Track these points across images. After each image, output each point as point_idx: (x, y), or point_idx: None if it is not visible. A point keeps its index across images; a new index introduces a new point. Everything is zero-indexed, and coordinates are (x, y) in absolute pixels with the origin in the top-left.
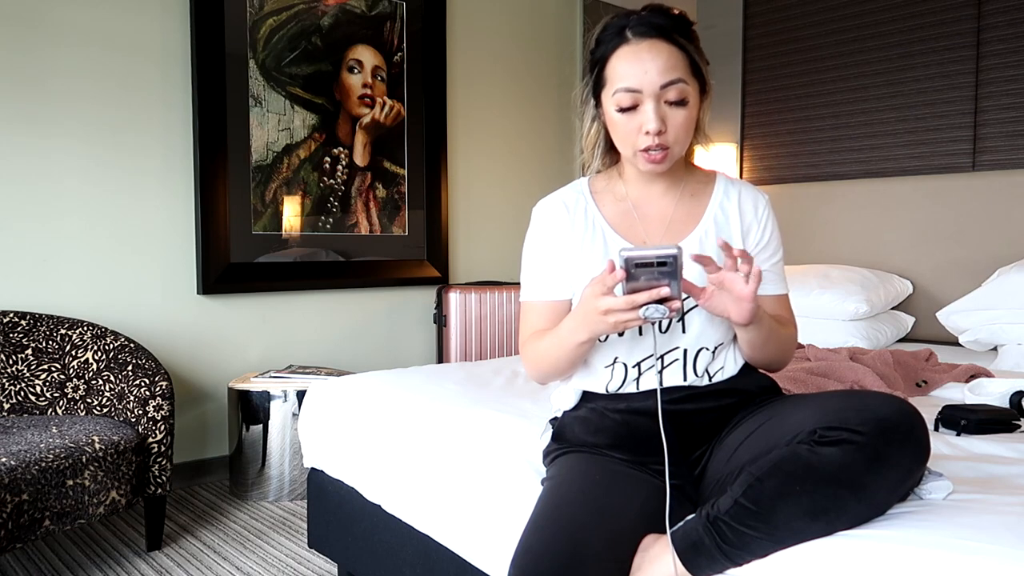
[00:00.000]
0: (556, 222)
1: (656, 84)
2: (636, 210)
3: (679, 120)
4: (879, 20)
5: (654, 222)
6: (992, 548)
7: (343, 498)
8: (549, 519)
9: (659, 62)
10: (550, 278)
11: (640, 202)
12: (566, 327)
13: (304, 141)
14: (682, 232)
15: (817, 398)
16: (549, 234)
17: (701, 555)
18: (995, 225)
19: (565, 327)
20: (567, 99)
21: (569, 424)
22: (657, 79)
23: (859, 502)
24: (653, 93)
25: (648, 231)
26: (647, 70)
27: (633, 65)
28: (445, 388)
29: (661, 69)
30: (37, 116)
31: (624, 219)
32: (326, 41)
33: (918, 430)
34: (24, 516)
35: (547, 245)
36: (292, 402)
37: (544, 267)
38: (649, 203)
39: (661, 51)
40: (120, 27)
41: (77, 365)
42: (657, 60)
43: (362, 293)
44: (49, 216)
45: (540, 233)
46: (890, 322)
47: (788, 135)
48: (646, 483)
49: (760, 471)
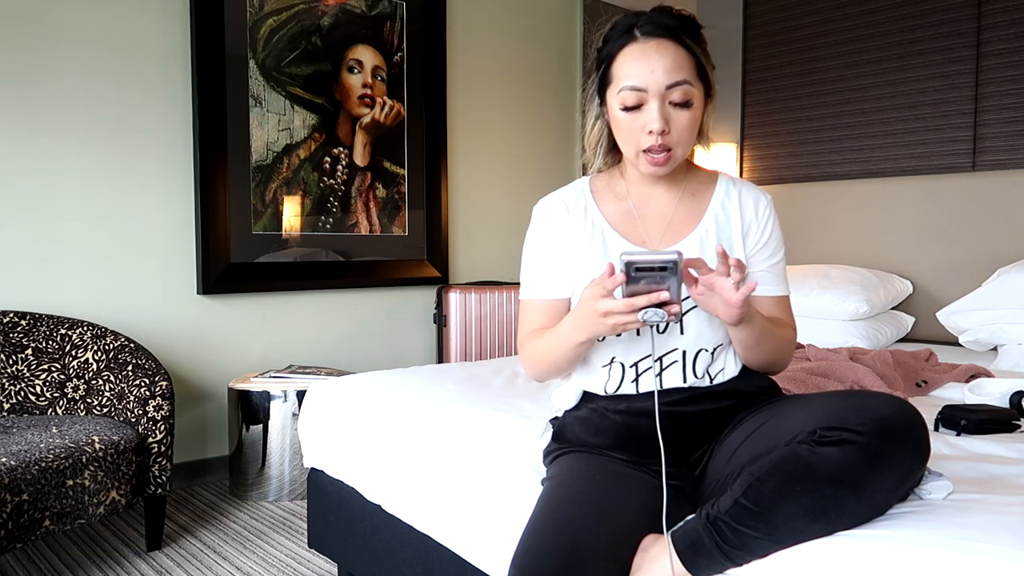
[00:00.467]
0: (556, 221)
1: (662, 84)
2: (636, 209)
3: (683, 121)
4: (879, 20)
5: (654, 222)
6: (992, 548)
7: (343, 498)
8: (549, 519)
9: (665, 62)
10: (549, 277)
11: (640, 202)
12: (565, 327)
13: (304, 141)
14: (682, 232)
15: (817, 398)
16: (549, 233)
17: (701, 555)
18: (995, 225)
19: (564, 327)
20: (567, 99)
21: (570, 424)
22: (663, 79)
23: (859, 502)
24: (658, 93)
25: (648, 231)
26: (653, 69)
27: (639, 64)
28: (445, 388)
29: (667, 69)
30: (37, 116)
31: (624, 218)
32: (326, 41)
33: (918, 430)
34: (24, 516)
35: (547, 244)
36: (292, 402)
37: (543, 266)
38: (649, 203)
39: (668, 51)
40: (120, 27)
41: (77, 365)
42: (664, 60)
43: (362, 293)
44: (49, 216)
45: (540, 232)
46: (890, 322)
47: (788, 135)
48: (646, 483)
49: (760, 471)
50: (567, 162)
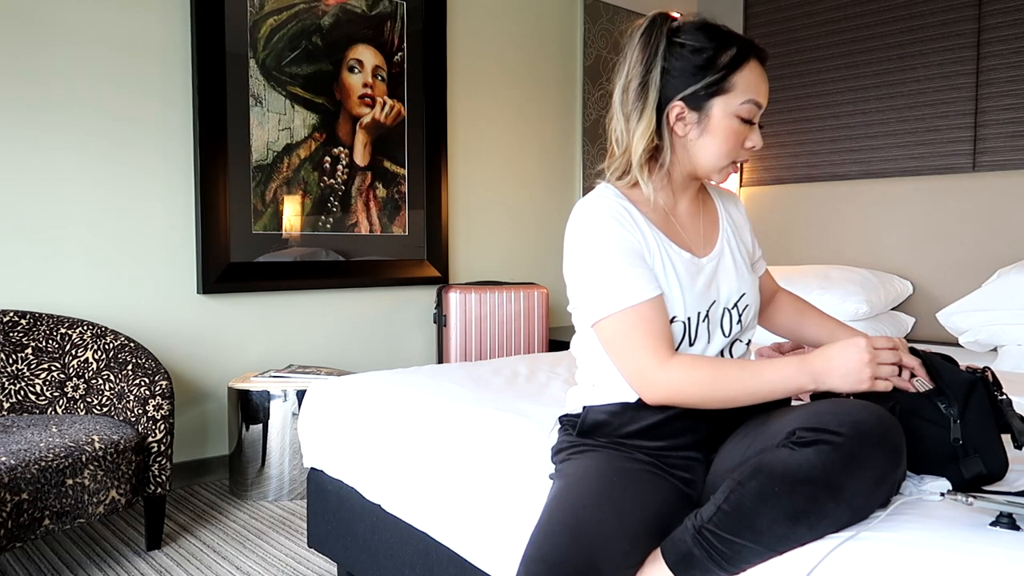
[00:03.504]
0: (625, 218)
1: (765, 107)
2: (674, 219)
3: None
4: (879, 20)
5: (690, 230)
6: (992, 548)
7: (343, 498)
8: (563, 524)
9: (767, 87)
10: (645, 273)
11: (673, 211)
12: (783, 372)
13: (304, 141)
14: (712, 239)
15: (803, 406)
16: (625, 230)
17: (695, 567)
18: (995, 225)
19: (781, 372)
20: (567, 98)
21: (597, 417)
22: (766, 103)
23: (838, 504)
24: (761, 114)
25: (690, 237)
26: (766, 92)
27: (762, 83)
28: (445, 388)
29: (767, 95)
30: (37, 116)
31: (670, 227)
32: (326, 41)
33: (893, 435)
34: (24, 515)
35: (627, 240)
36: (292, 402)
37: (635, 263)
38: (678, 212)
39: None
40: (121, 26)
41: (77, 364)
42: (767, 85)
43: (362, 293)
44: (49, 216)
45: (614, 230)
46: (890, 323)
47: (788, 135)
48: (663, 487)
49: (741, 475)
50: (567, 161)
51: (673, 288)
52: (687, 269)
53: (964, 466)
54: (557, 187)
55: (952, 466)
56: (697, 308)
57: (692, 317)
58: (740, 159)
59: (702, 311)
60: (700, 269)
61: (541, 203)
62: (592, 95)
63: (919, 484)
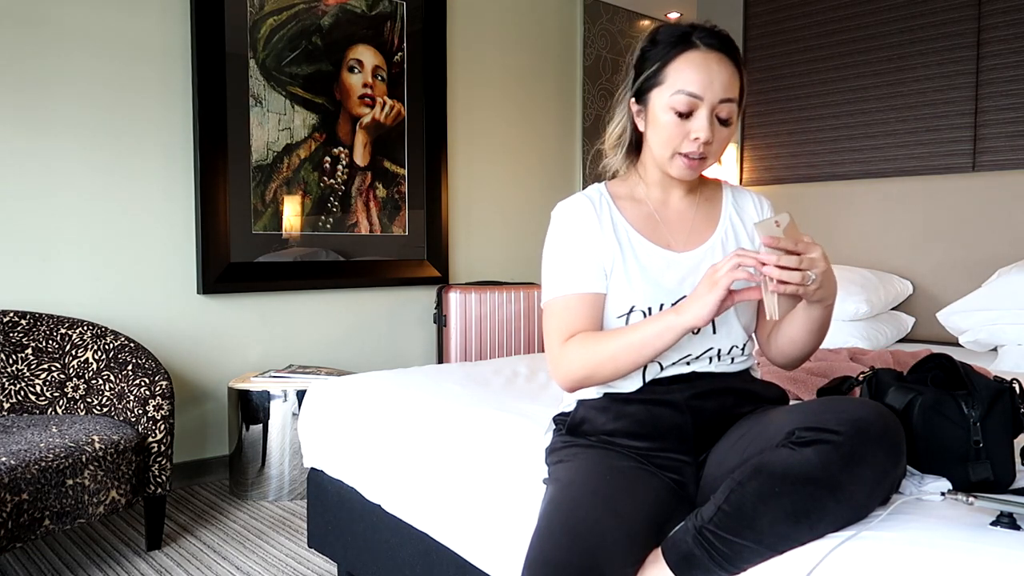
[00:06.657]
0: (585, 218)
1: (716, 97)
2: (657, 214)
3: (723, 136)
4: (879, 20)
5: (676, 225)
6: (992, 548)
7: (343, 498)
8: (564, 524)
9: (723, 77)
10: (584, 271)
11: (660, 206)
12: (650, 330)
13: (304, 141)
14: (703, 235)
15: (802, 405)
16: (579, 229)
17: (696, 568)
18: (995, 225)
19: (649, 330)
20: (567, 98)
21: (585, 413)
22: (719, 92)
23: (838, 503)
24: (711, 104)
25: (672, 233)
26: (712, 81)
27: (700, 72)
28: (445, 388)
29: (724, 84)
30: (37, 116)
31: (647, 222)
32: (326, 41)
33: (892, 431)
34: (24, 515)
35: (578, 239)
36: (292, 402)
37: (576, 261)
38: (669, 207)
39: (726, 67)
40: (120, 27)
41: (77, 365)
42: (722, 74)
43: (362, 293)
44: (49, 216)
45: (569, 229)
46: (890, 322)
47: (788, 135)
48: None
49: (741, 475)
50: (567, 162)
51: (634, 278)
52: (654, 262)
53: (973, 469)
54: (557, 187)
55: (959, 467)
56: (661, 300)
57: (654, 307)
58: (687, 151)
59: (667, 303)
60: (672, 263)
61: (541, 203)
62: (592, 95)
63: (919, 484)
